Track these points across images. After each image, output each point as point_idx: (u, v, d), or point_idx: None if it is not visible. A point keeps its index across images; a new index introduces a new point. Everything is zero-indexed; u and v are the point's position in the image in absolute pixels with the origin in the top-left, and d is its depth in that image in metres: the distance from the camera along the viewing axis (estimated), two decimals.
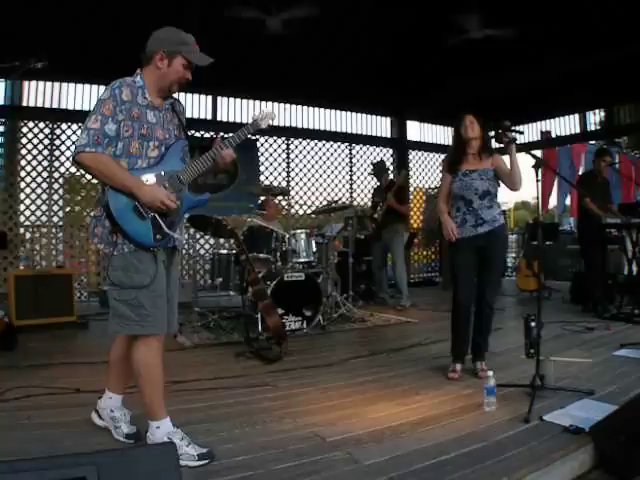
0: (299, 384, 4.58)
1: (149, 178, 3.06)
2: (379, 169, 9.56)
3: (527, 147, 13.81)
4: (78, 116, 9.92)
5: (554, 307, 8.89)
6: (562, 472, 3.11)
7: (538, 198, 4.32)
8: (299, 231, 7.24)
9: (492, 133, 4.60)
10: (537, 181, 4.27)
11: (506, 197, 79.56)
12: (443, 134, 14.62)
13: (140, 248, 3.05)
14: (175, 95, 3.38)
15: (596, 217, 7.67)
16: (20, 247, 9.83)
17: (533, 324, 4.37)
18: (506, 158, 4.74)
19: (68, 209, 10.39)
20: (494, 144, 4.85)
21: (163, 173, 3.13)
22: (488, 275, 4.84)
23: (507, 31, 8.28)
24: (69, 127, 9.96)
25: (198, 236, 10.74)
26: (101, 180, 3.04)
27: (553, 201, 13.10)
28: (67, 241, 10.11)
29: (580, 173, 10.79)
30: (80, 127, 9.72)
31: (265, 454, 3.15)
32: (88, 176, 9.92)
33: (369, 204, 10.44)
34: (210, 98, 11.63)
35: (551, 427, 3.53)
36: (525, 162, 4.62)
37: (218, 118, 11.71)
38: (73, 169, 9.96)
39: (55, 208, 9.91)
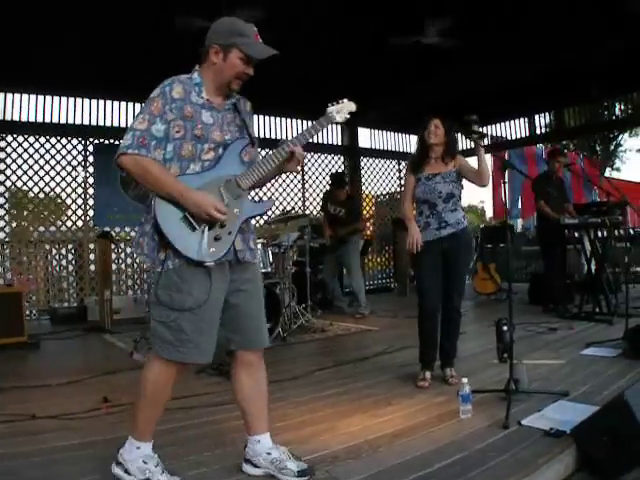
0: None
1: (201, 184, 2.74)
2: (340, 181, 9.62)
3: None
4: (25, 128, 9.73)
5: (513, 309, 8.86)
6: (548, 476, 3.04)
7: (506, 201, 4.26)
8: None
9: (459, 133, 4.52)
10: (503, 183, 4.22)
11: None
12: (394, 140, 14.61)
13: (191, 264, 2.71)
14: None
15: (553, 218, 7.71)
16: None
17: (505, 328, 4.27)
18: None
19: (14, 224, 10.03)
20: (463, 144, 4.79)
21: (219, 177, 2.81)
22: (454, 279, 4.77)
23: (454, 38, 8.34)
24: (15, 139, 9.61)
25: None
26: (145, 186, 2.73)
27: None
28: (14, 257, 9.74)
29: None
30: (26, 139, 9.64)
31: (242, 477, 2.99)
32: (35, 189, 9.75)
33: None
34: None
35: (531, 431, 3.47)
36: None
37: None
38: (19, 183, 9.66)
39: (1, 224, 9.57)
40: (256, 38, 2.86)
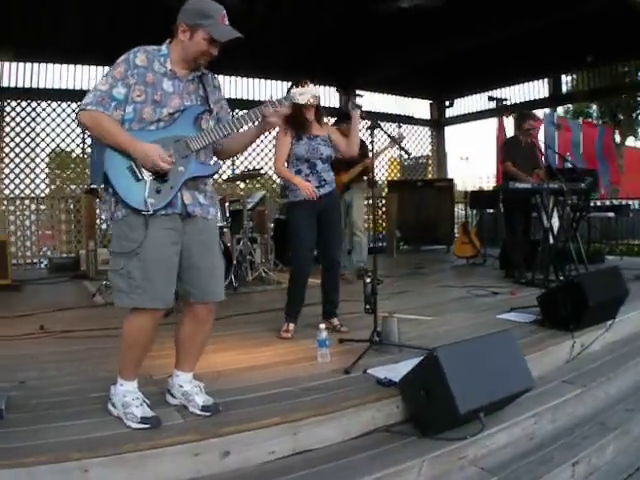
0: (170, 334, 4.70)
1: (152, 140, 2.97)
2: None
3: (480, 115, 13.97)
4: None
5: (481, 273, 9.07)
6: (359, 420, 3.31)
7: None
8: None
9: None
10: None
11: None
12: (394, 103, 14.77)
13: (133, 212, 2.95)
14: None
15: (519, 178, 7.57)
16: None
17: (368, 280, 4.46)
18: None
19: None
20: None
21: (170, 136, 3.03)
22: (332, 234, 5.16)
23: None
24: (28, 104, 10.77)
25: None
26: (100, 139, 3.01)
27: None
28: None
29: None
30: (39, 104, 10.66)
31: (93, 384, 3.58)
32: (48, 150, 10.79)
33: None
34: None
35: (368, 379, 3.70)
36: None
37: None
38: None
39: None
40: (222, 20, 3.03)
